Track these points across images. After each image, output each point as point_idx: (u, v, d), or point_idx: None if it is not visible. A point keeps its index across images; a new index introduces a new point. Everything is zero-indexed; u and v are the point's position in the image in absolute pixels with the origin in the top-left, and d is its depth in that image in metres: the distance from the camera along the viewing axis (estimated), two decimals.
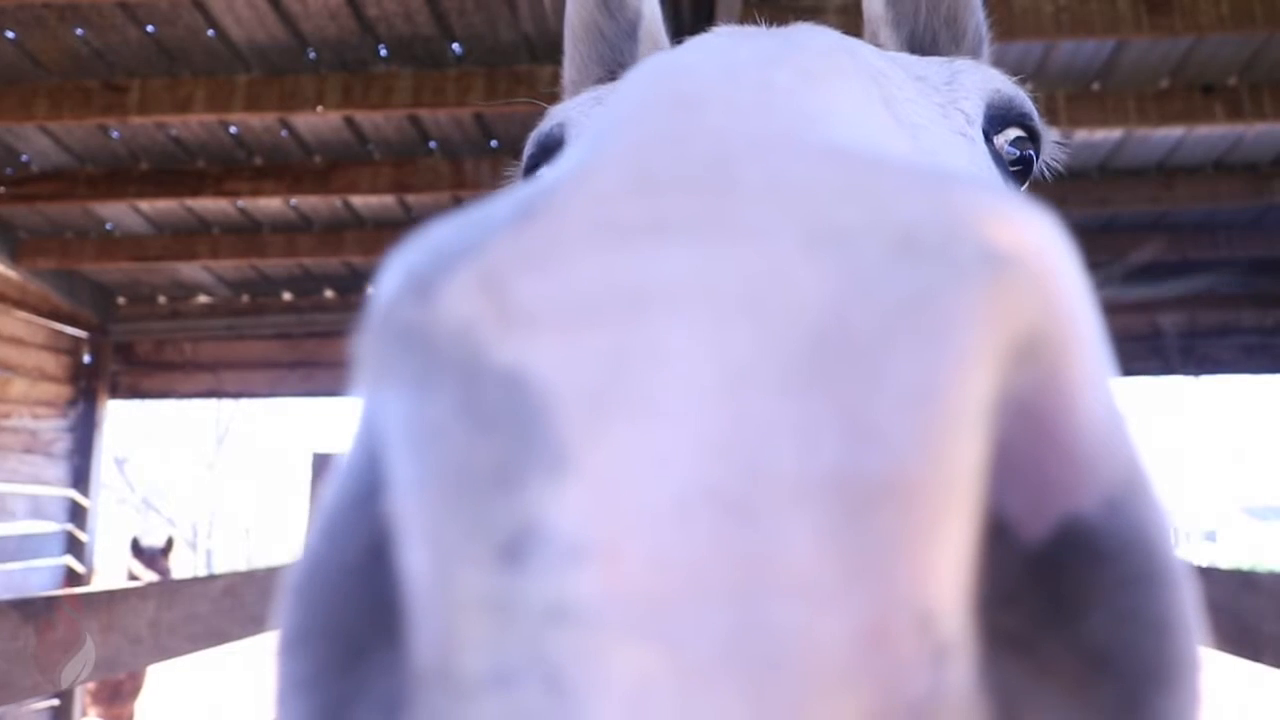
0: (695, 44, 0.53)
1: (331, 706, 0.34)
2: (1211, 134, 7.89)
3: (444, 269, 0.32)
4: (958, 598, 0.27)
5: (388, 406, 0.32)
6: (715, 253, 0.30)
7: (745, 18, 5.35)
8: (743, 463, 0.27)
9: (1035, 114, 0.96)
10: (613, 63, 1.33)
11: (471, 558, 0.28)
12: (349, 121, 7.52)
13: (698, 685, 0.26)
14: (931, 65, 0.89)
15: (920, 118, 0.71)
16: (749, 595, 0.26)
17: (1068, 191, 8.58)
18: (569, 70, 1.38)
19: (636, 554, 0.27)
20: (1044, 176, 1.07)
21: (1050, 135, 1.02)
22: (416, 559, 0.30)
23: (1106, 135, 7.87)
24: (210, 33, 6.55)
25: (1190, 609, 0.34)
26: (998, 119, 0.91)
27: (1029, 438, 0.33)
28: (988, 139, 0.89)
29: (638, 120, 0.41)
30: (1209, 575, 3.64)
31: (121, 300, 11.11)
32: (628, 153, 0.36)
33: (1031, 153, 0.94)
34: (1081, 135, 7.83)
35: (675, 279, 0.29)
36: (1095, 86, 7.23)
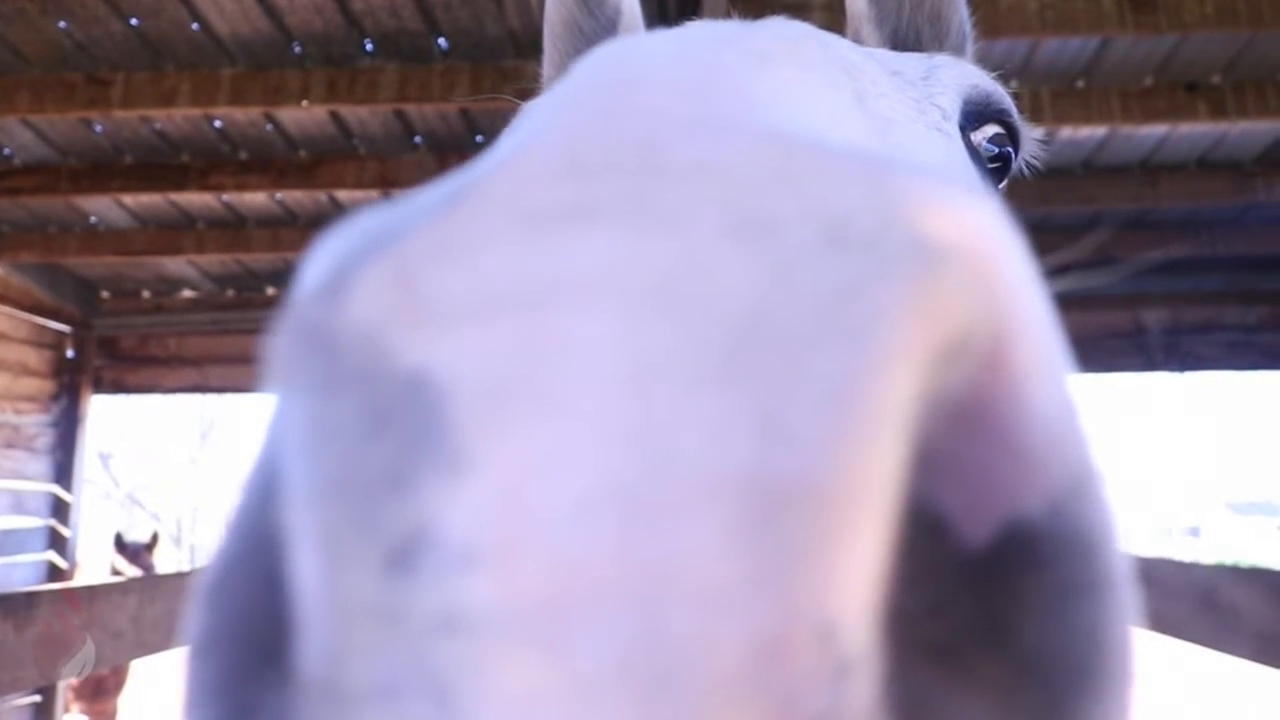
0: (663, 31, 0.53)
1: (237, 713, 0.33)
2: (1195, 132, 7.92)
3: (357, 265, 0.31)
4: (864, 611, 0.26)
5: (288, 409, 0.30)
6: (634, 241, 0.29)
7: (730, 11, 5.35)
8: (647, 462, 0.26)
9: (1014, 110, 0.95)
10: None
11: (359, 563, 0.27)
12: (334, 116, 7.49)
13: (589, 698, 0.24)
14: (909, 60, 0.89)
15: (894, 112, 0.71)
16: (647, 602, 0.25)
17: (1052, 189, 8.61)
18: (548, 68, 1.38)
19: (531, 559, 0.25)
20: (1024, 174, 1.07)
21: (1030, 132, 1.02)
22: (305, 565, 0.29)
23: (1091, 133, 7.89)
24: (195, 26, 6.51)
25: (1127, 618, 0.33)
26: (975, 115, 0.90)
27: (969, 435, 0.32)
28: (965, 135, 0.89)
29: (577, 101, 0.40)
30: (1188, 570, 3.66)
31: (105, 295, 11.04)
32: (560, 135, 0.35)
33: (1010, 149, 0.94)
34: (1066, 133, 7.85)
35: (590, 269, 0.28)
36: (1080, 84, 7.25)
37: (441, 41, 6.75)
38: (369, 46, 6.81)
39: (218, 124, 7.68)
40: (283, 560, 0.31)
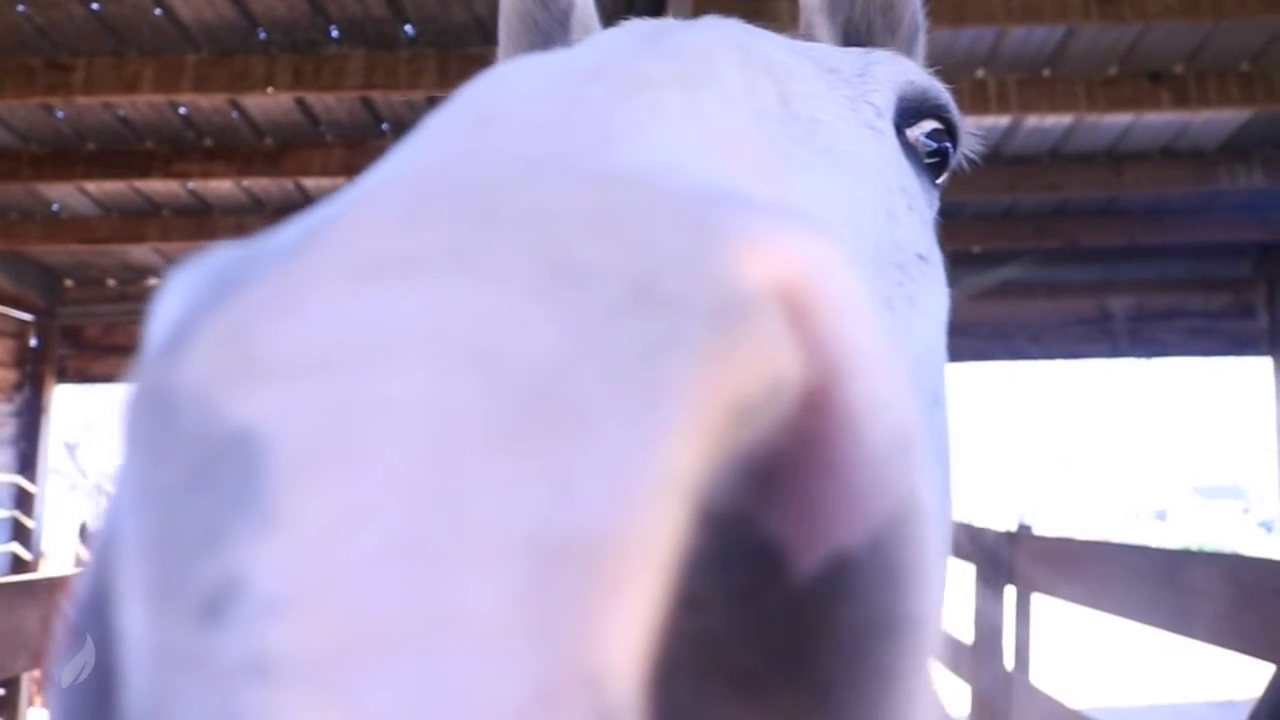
0: (549, 54, 0.53)
1: None
2: (1159, 121, 8.00)
3: (195, 321, 0.32)
4: (632, 664, 0.27)
5: (124, 468, 0.32)
6: (450, 296, 0.30)
7: (697, 2, 5.35)
8: (438, 519, 0.27)
9: (952, 106, 0.96)
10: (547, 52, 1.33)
11: (176, 614, 0.28)
12: (300, 103, 7.43)
13: None
14: (847, 57, 0.90)
15: (823, 112, 0.72)
16: (430, 652, 0.26)
17: (1018, 176, 8.67)
18: (502, 61, 1.38)
19: (328, 611, 0.26)
20: (962, 168, 1.08)
21: (967, 126, 1.03)
22: (128, 618, 0.30)
23: (1057, 121, 7.95)
24: (157, 12, 6.44)
25: (922, 659, 0.34)
26: (910, 111, 0.91)
27: (796, 470, 0.33)
28: (900, 131, 0.89)
29: (434, 139, 0.41)
30: (1146, 554, 3.72)
31: (69, 283, 10.92)
32: (403, 180, 0.35)
33: (948, 144, 0.94)
34: (1032, 121, 7.91)
35: (406, 324, 0.29)
36: (1045, 73, 7.30)
37: (408, 28, 6.71)
38: (335, 33, 6.75)
39: (182, 110, 7.60)
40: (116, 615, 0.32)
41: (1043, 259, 10.55)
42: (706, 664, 0.33)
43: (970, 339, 10.67)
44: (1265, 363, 10.82)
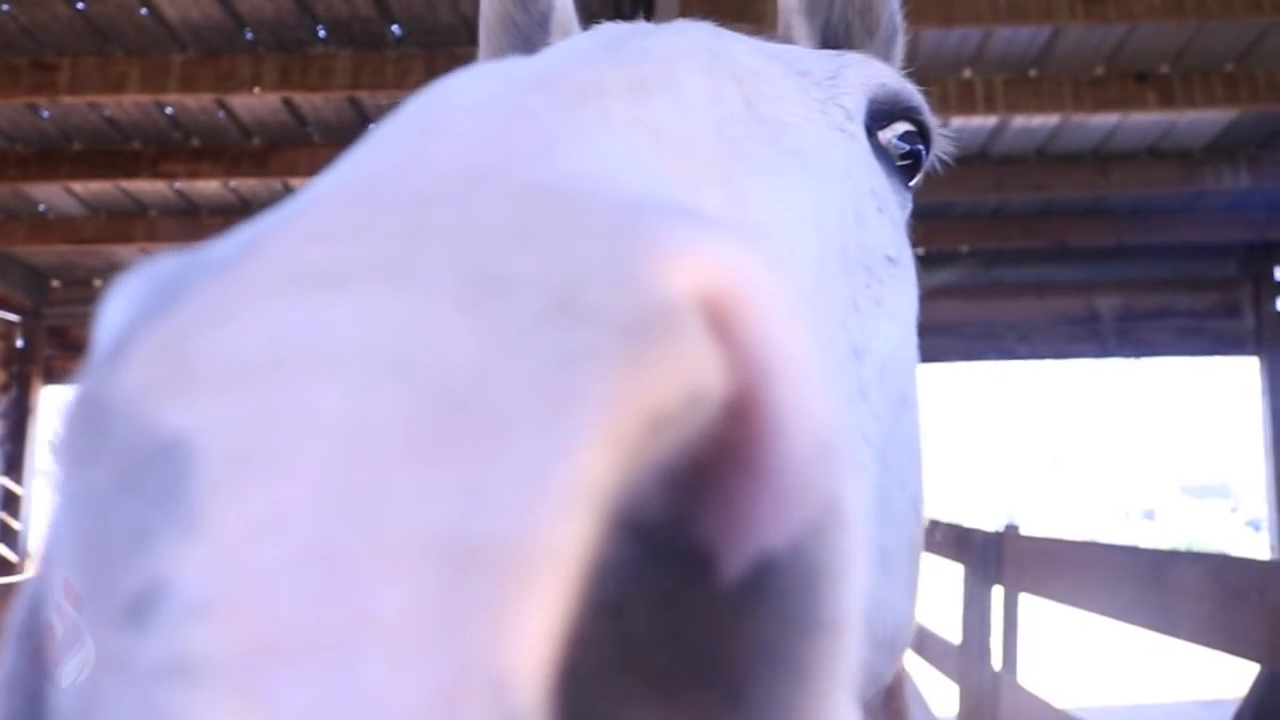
0: (503, 63, 0.54)
1: None
2: (1145, 121, 8.03)
3: (134, 332, 0.32)
4: (538, 668, 0.28)
5: (61, 477, 0.32)
6: (377, 307, 0.30)
7: (685, 1, 5.35)
8: (354, 525, 0.27)
9: (924, 108, 0.96)
10: (525, 55, 1.33)
11: (103, 616, 0.29)
12: (288, 103, 7.41)
13: None
14: (818, 60, 0.89)
15: (791, 115, 0.72)
16: (343, 654, 0.27)
17: (1006, 176, 8.70)
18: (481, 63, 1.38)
19: (247, 612, 0.27)
20: (936, 170, 1.08)
21: (940, 129, 1.02)
22: (57, 621, 0.31)
23: (1044, 121, 7.98)
24: (143, 11, 6.42)
25: (840, 662, 0.34)
26: (882, 114, 0.90)
27: (720, 473, 0.33)
28: (871, 133, 0.89)
29: (375, 150, 0.42)
30: (1132, 554, 3.73)
31: (55, 283, 10.88)
32: (343, 190, 0.36)
33: (921, 147, 0.94)
34: (1019, 121, 7.93)
35: (333, 334, 0.30)
36: (1032, 73, 7.32)
37: (395, 29, 6.70)
38: (322, 33, 6.74)
39: (169, 110, 7.58)
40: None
41: (1030, 259, 10.59)
42: (625, 665, 0.33)
43: (958, 338, 10.71)
44: (1251, 362, 10.86)
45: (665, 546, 0.34)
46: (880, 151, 0.90)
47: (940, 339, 10.69)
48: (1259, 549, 11.62)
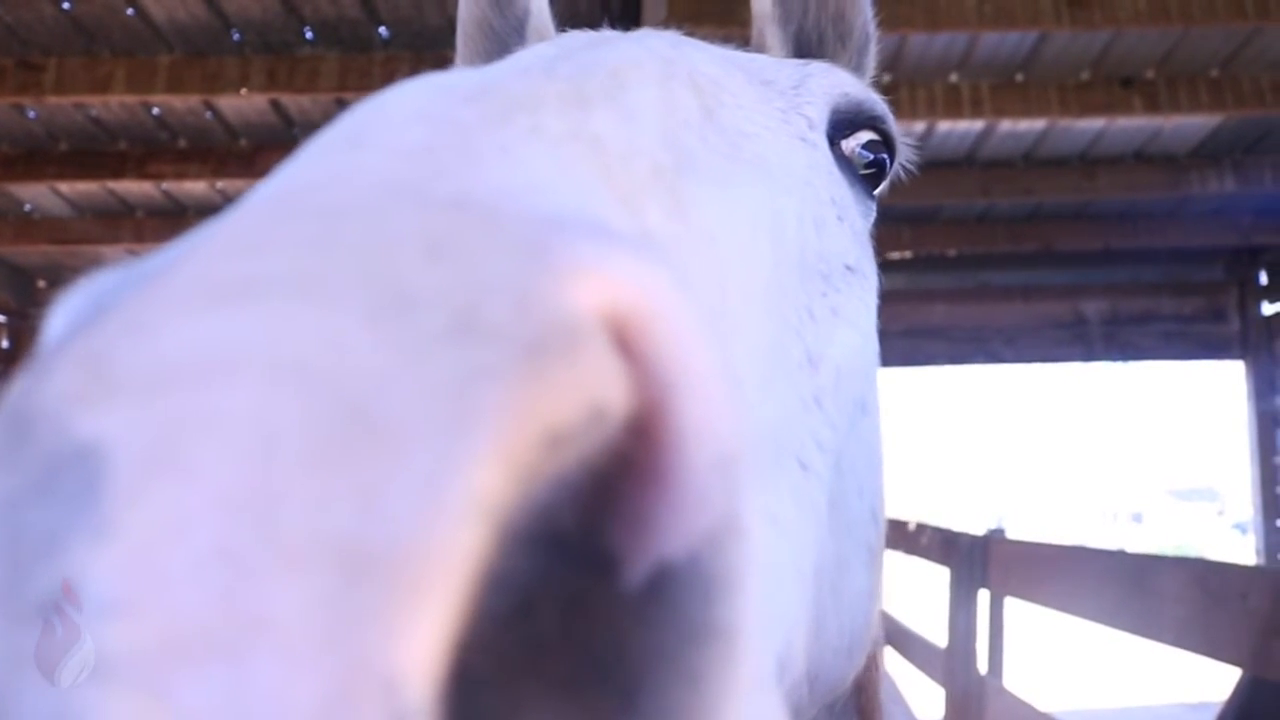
0: (436, 76, 0.55)
1: None
2: (1131, 126, 8.06)
3: (62, 344, 0.34)
4: (429, 670, 0.29)
5: None
6: (286, 320, 0.31)
7: (671, 6, 5.36)
8: (255, 529, 0.28)
9: (888, 117, 0.96)
10: (500, 59, 1.34)
11: (15, 617, 0.30)
12: (275, 105, 7.40)
13: None
14: (783, 69, 0.90)
15: (751, 124, 0.72)
16: (240, 654, 0.27)
17: (993, 180, 8.73)
18: (460, 68, 1.39)
19: (151, 615, 0.28)
20: (900, 178, 1.09)
21: (904, 138, 1.03)
22: None
23: (1030, 125, 8.01)
24: (130, 11, 6.40)
25: (736, 668, 0.36)
26: (845, 123, 0.91)
27: (624, 487, 0.35)
28: (835, 143, 0.90)
29: (305, 162, 0.43)
30: (1115, 558, 3.74)
31: (41, 284, 10.84)
32: (267, 203, 0.38)
33: (885, 155, 0.95)
34: (1005, 125, 7.95)
35: (243, 346, 0.31)
36: (1019, 78, 7.35)
37: (382, 30, 6.69)
38: (309, 34, 6.73)
39: (155, 111, 7.55)
40: None
41: (1018, 263, 10.63)
42: (529, 666, 0.35)
43: (946, 342, 10.73)
44: (1237, 366, 10.91)
45: (570, 551, 0.35)
46: (843, 160, 0.90)
47: (927, 342, 10.72)
48: (1246, 552, 11.66)
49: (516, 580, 0.34)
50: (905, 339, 10.61)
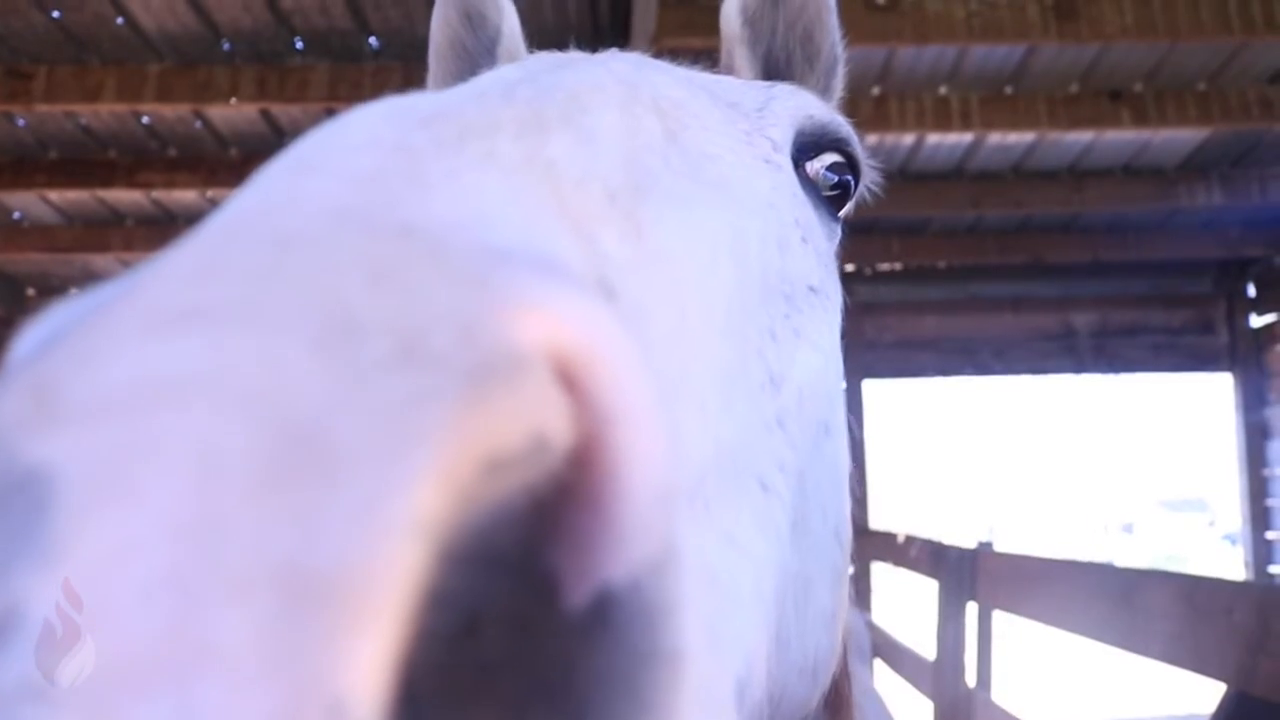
0: (393, 101, 0.56)
1: None
2: (1120, 139, 8.10)
3: (19, 369, 0.34)
4: (374, 692, 0.29)
5: None
6: (232, 348, 0.32)
7: (661, 17, 5.37)
8: (199, 555, 0.29)
9: (853, 139, 0.97)
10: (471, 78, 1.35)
11: None
12: (265, 114, 7.39)
13: None
14: (748, 91, 0.91)
15: (714, 147, 0.72)
16: (185, 679, 0.28)
17: (982, 193, 8.76)
18: (432, 88, 1.40)
19: (100, 639, 0.28)
20: (866, 200, 1.09)
21: (869, 160, 1.04)
22: None
23: (1019, 138, 8.04)
24: (119, 20, 6.40)
25: (678, 691, 0.37)
26: (809, 145, 0.92)
27: (566, 514, 0.36)
28: (799, 165, 0.90)
29: (258, 188, 0.44)
30: (1102, 572, 3.75)
31: (31, 292, 10.81)
32: (217, 231, 0.38)
33: (850, 177, 0.95)
34: (995, 138, 7.98)
35: (191, 373, 0.31)
36: (1008, 90, 7.38)
37: (373, 41, 6.70)
38: (299, 44, 6.73)
39: (145, 120, 7.54)
40: None
41: (1007, 274, 10.66)
42: (477, 687, 0.35)
43: (935, 354, 10.75)
44: (1225, 378, 10.95)
45: (513, 573, 0.36)
46: (807, 182, 0.90)
47: (917, 354, 10.74)
48: (1236, 562, 11.69)
49: (460, 599, 0.34)
50: (895, 350, 10.63)
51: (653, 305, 0.55)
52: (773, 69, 1.27)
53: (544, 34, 6.92)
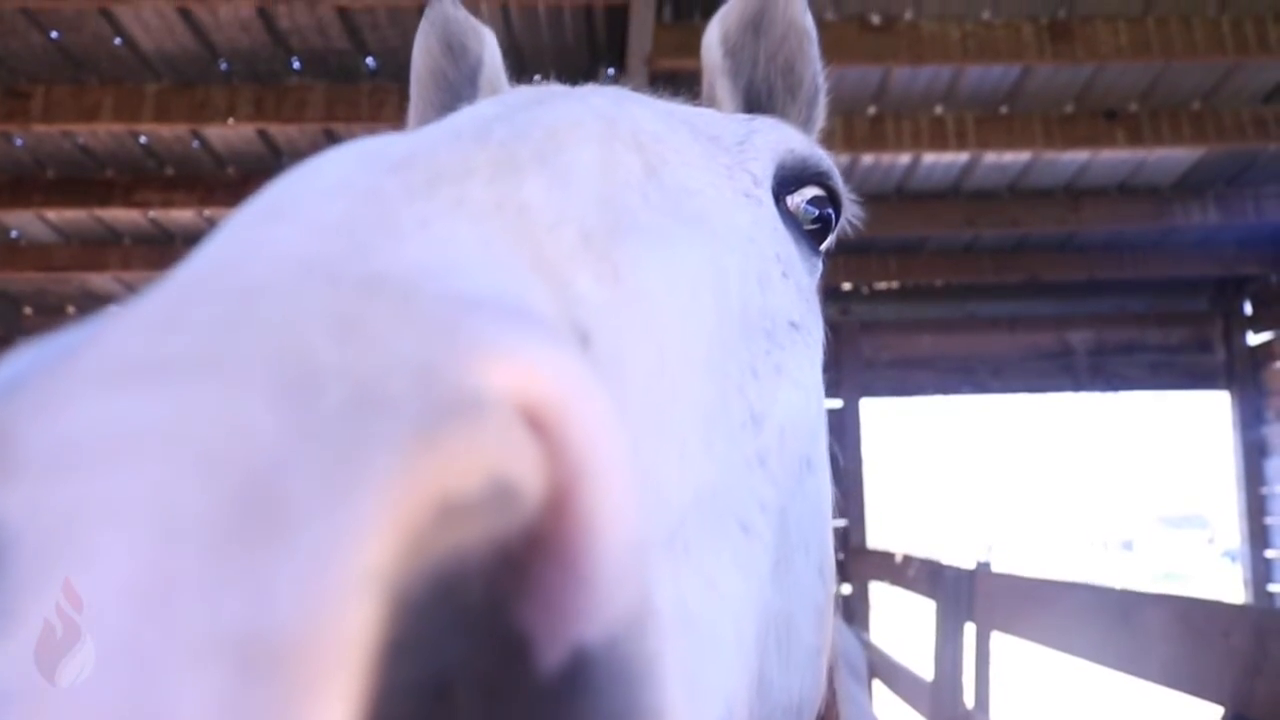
0: (362, 144, 0.55)
1: None
2: (1115, 158, 8.11)
3: None
4: None
5: None
6: (191, 401, 0.31)
7: (657, 38, 5.39)
8: (153, 621, 0.28)
9: (834, 173, 0.97)
10: (452, 108, 1.36)
11: None
12: (262, 134, 7.41)
13: None
14: (729, 124, 0.90)
15: (694, 181, 0.72)
16: None
17: (978, 212, 8.77)
18: (413, 117, 1.40)
19: (51, 710, 0.28)
20: (848, 232, 1.09)
21: (849, 195, 1.03)
22: None
23: (1015, 157, 8.05)
24: (117, 41, 6.41)
25: None
26: (790, 179, 0.91)
27: (537, 565, 0.35)
28: (780, 199, 0.90)
29: (225, 235, 0.44)
30: (1100, 593, 3.73)
31: (28, 311, 10.80)
32: (181, 281, 0.38)
33: (830, 211, 0.95)
34: (990, 158, 8.00)
35: (148, 428, 0.31)
36: (1003, 110, 7.40)
37: (370, 61, 6.72)
38: (296, 65, 6.75)
39: (143, 140, 7.55)
40: None
41: (1003, 293, 10.66)
42: None
43: (932, 373, 10.74)
44: (1223, 396, 10.94)
45: (482, 629, 0.35)
46: (788, 216, 0.90)
47: (914, 372, 10.73)
48: (1235, 579, 11.66)
49: (425, 652, 0.33)
50: (892, 369, 10.62)
51: (629, 347, 0.54)
52: (755, 100, 1.27)
53: (540, 55, 6.96)
